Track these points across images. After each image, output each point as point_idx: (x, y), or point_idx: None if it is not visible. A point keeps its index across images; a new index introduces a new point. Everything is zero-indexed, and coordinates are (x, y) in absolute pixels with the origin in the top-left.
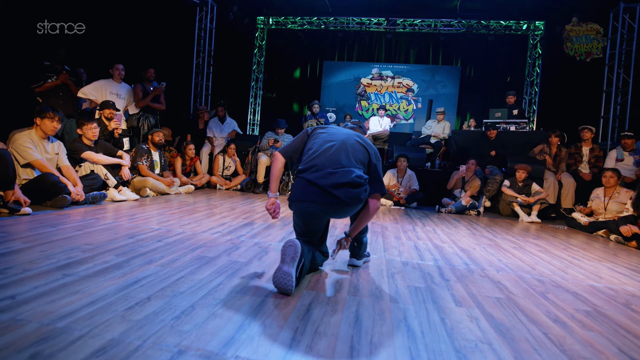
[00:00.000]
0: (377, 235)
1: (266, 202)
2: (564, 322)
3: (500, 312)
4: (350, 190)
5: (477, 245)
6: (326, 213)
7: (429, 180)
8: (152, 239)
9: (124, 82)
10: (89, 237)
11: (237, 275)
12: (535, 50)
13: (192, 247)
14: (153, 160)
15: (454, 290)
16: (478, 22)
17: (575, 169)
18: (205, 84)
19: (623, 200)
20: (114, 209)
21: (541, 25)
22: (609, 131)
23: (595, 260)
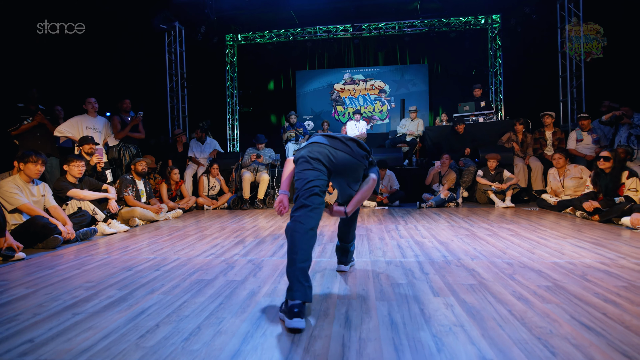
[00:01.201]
0: (362, 238)
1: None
2: (527, 299)
3: (472, 297)
4: (356, 148)
5: (455, 237)
6: (333, 160)
7: (408, 178)
8: (149, 268)
9: (99, 116)
10: (88, 275)
11: (235, 293)
12: (495, 43)
13: (189, 272)
14: (138, 190)
15: (433, 283)
16: (439, 20)
17: (541, 153)
18: (181, 107)
19: (575, 174)
20: (106, 243)
21: (498, 18)
22: (568, 114)
23: (561, 238)
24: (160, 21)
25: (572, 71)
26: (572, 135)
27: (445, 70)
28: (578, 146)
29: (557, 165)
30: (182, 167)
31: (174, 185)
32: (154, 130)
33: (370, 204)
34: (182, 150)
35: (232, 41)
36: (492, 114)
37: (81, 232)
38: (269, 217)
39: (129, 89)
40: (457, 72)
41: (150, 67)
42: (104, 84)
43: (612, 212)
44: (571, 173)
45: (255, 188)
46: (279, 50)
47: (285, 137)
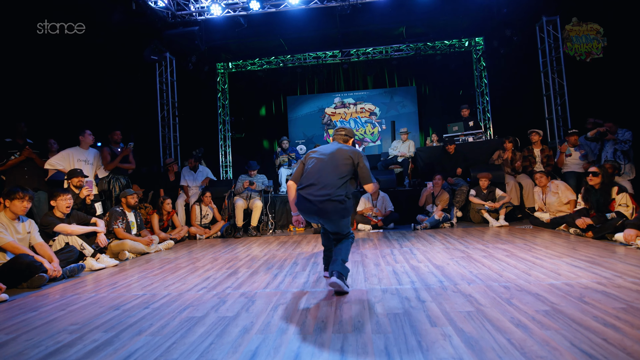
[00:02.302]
0: (357, 265)
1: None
2: (525, 325)
3: (470, 326)
4: (332, 204)
5: (451, 260)
6: (319, 216)
7: (402, 199)
8: (137, 306)
9: (90, 147)
10: (74, 316)
11: (226, 331)
12: (480, 64)
13: (179, 309)
14: (129, 222)
15: (429, 311)
16: (424, 44)
17: (531, 170)
18: (172, 135)
19: (553, 190)
20: (94, 280)
21: (481, 40)
22: (555, 131)
23: (556, 257)
24: (151, 52)
25: (556, 90)
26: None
27: (433, 91)
28: (567, 161)
29: (539, 184)
30: (174, 197)
31: (166, 215)
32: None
33: (365, 227)
34: (174, 179)
35: (223, 69)
36: (482, 133)
37: (68, 268)
38: (262, 245)
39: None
40: (444, 93)
41: (142, 97)
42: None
43: (605, 228)
44: (552, 189)
45: (249, 215)
46: (269, 76)
47: (278, 162)
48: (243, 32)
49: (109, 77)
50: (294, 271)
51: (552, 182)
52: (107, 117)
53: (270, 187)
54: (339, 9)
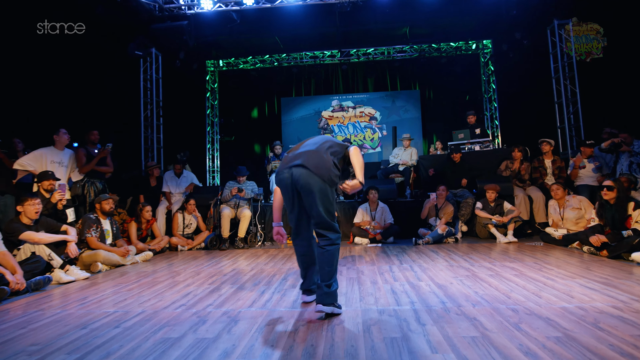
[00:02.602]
0: (352, 282)
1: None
2: (535, 354)
3: (474, 353)
4: (319, 164)
5: (455, 279)
6: (298, 188)
7: (403, 211)
8: (107, 325)
9: (66, 148)
10: (35, 335)
11: (205, 355)
12: (488, 68)
13: (154, 329)
14: (103, 230)
15: (430, 336)
16: (429, 46)
17: (541, 182)
18: (156, 137)
19: (574, 205)
20: (61, 294)
21: (489, 43)
22: (567, 140)
23: (569, 278)
24: (135, 47)
25: (568, 97)
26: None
27: (438, 96)
28: (580, 173)
29: (555, 196)
30: (155, 204)
31: (145, 223)
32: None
33: (363, 241)
34: (155, 184)
35: (213, 67)
36: (489, 141)
37: (33, 281)
38: (250, 259)
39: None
40: (450, 98)
41: (123, 94)
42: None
43: (621, 247)
44: (570, 204)
45: (236, 225)
46: (263, 76)
47: (269, 169)
48: (235, 28)
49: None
50: (283, 288)
51: (573, 196)
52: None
53: (261, 196)
54: (338, 6)
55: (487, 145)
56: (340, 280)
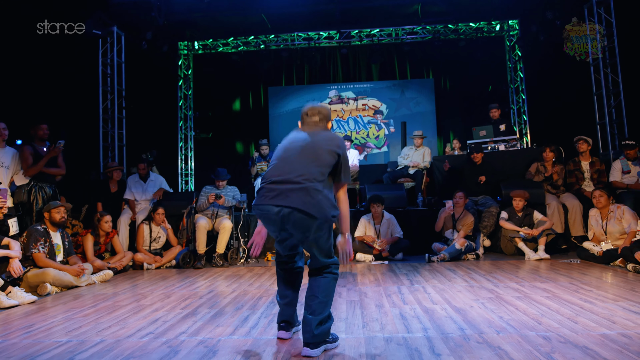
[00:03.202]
0: (354, 305)
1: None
2: None
3: None
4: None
5: (475, 302)
6: (282, 221)
7: (414, 223)
8: (60, 357)
9: (7, 146)
10: None
11: None
12: (514, 53)
13: None
14: (53, 245)
15: None
16: (445, 26)
17: (578, 189)
18: (117, 133)
19: (620, 216)
20: (1, 321)
21: (515, 24)
22: (608, 139)
23: (610, 301)
24: (93, 25)
25: (609, 87)
26: (616, 165)
27: (455, 86)
28: (624, 179)
29: (597, 205)
30: (116, 213)
31: (104, 237)
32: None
33: (366, 258)
34: (116, 189)
35: (186, 50)
36: (516, 140)
37: None
38: (230, 279)
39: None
40: (469, 88)
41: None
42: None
43: None
44: (615, 214)
45: (214, 239)
46: (247, 61)
47: (254, 171)
48: (214, 4)
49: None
50: (271, 313)
51: (617, 206)
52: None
53: (244, 204)
54: None
55: (513, 145)
56: (340, 304)
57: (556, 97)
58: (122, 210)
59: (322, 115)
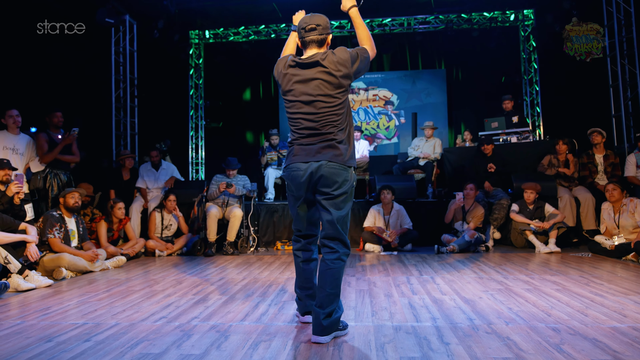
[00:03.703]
0: (363, 294)
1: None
2: None
3: None
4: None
5: (484, 293)
6: (311, 177)
7: (423, 214)
8: (77, 338)
9: (22, 133)
10: None
11: None
12: (529, 44)
13: (130, 344)
14: (68, 230)
15: (455, 356)
16: (458, 16)
17: (591, 182)
18: (129, 121)
19: (633, 210)
20: (19, 303)
21: (530, 14)
22: (623, 132)
23: (621, 294)
24: (106, 14)
25: (625, 79)
26: (631, 159)
27: (467, 76)
28: (639, 173)
29: (610, 198)
30: (128, 200)
31: (117, 223)
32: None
33: (375, 248)
34: (128, 177)
35: (197, 39)
36: (529, 132)
37: None
38: (241, 266)
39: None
40: (482, 79)
41: (92, 70)
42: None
43: None
44: (627, 208)
45: (224, 227)
46: (258, 50)
47: (264, 161)
48: None
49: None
50: (281, 300)
51: (631, 199)
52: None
53: (254, 193)
54: None
55: (526, 137)
56: (349, 293)
57: (571, 89)
58: (135, 198)
59: (322, 29)
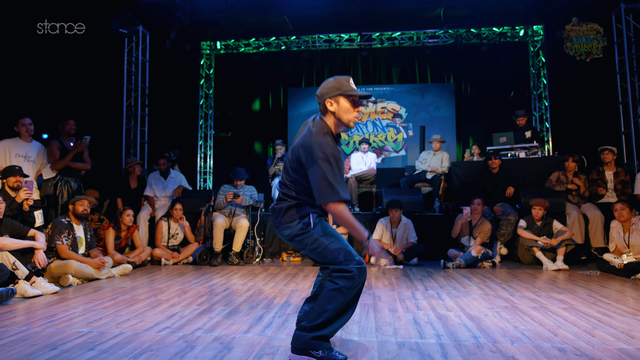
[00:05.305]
0: (367, 309)
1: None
2: None
3: None
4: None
5: (490, 310)
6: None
7: (430, 228)
8: (81, 347)
9: (34, 140)
10: None
11: None
12: (538, 59)
13: (134, 354)
14: (76, 237)
15: None
16: (467, 31)
17: (600, 198)
18: (139, 130)
19: None
20: (26, 310)
21: (540, 29)
22: (633, 149)
23: (629, 315)
24: (119, 24)
25: (635, 96)
26: None
27: (476, 91)
28: None
29: (619, 218)
30: (136, 209)
31: (125, 231)
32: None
33: (381, 262)
34: (136, 185)
35: (209, 50)
36: (537, 147)
37: None
38: (246, 277)
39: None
40: (491, 94)
41: (104, 79)
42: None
43: None
44: (637, 227)
45: (230, 238)
46: (267, 62)
47: (272, 172)
48: (237, 5)
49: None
50: (285, 312)
51: (639, 218)
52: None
53: (261, 203)
54: None
55: (534, 152)
56: None
57: (580, 105)
58: (142, 206)
59: (318, 97)
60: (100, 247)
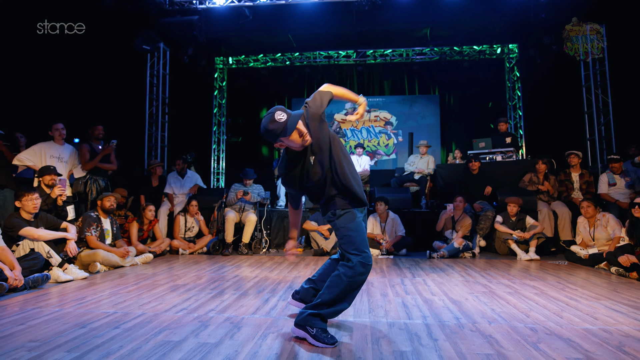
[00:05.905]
0: (361, 293)
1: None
2: None
3: None
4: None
5: (470, 295)
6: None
7: (417, 222)
8: (107, 325)
9: (66, 144)
10: (34, 332)
11: None
12: (513, 74)
13: (154, 332)
14: (103, 229)
15: (442, 351)
16: (451, 48)
17: (567, 196)
18: (160, 135)
19: (605, 224)
20: (59, 293)
21: (515, 47)
22: (597, 154)
23: (593, 299)
24: (143, 42)
25: (599, 107)
26: (603, 178)
27: (458, 102)
28: (610, 191)
29: (585, 214)
30: (157, 205)
31: (147, 224)
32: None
33: (373, 252)
34: (157, 184)
35: (222, 64)
36: (512, 152)
37: (31, 278)
38: (253, 265)
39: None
40: (471, 104)
41: (129, 90)
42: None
43: None
44: (601, 222)
45: (240, 230)
46: (274, 75)
47: (277, 173)
48: (247, 25)
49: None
50: (289, 296)
51: (603, 214)
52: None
53: (267, 200)
54: (356, 5)
55: (509, 156)
56: None
57: (550, 114)
58: (162, 203)
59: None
60: (125, 238)
